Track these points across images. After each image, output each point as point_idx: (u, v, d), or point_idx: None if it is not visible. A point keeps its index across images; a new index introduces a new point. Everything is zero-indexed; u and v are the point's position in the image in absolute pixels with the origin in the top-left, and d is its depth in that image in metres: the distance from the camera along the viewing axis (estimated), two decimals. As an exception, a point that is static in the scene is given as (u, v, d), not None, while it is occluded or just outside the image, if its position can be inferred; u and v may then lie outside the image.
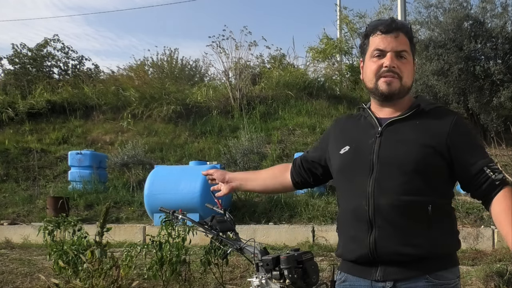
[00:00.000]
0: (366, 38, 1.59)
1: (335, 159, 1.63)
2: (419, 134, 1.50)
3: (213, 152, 9.90)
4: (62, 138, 10.91)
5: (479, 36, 9.38)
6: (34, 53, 13.49)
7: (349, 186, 1.56)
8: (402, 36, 1.53)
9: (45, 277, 3.82)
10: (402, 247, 1.45)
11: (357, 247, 1.51)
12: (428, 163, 1.47)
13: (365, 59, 1.59)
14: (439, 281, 1.48)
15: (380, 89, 1.53)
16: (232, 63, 11.92)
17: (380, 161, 1.50)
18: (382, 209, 1.46)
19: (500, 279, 4.64)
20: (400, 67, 1.52)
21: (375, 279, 1.50)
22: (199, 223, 2.21)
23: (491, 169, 1.49)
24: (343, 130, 1.68)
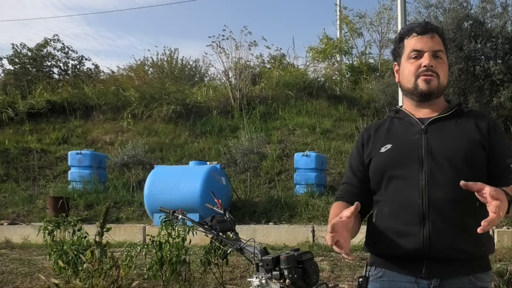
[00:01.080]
0: (400, 41, 1.62)
1: (376, 157, 1.59)
2: (463, 129, 1.55)
3: (213, 152, 9.90)
4: (62, 138, 10.91)
5: (479, 36, 9.37)
6: (34, 53, 13.48)
7: (396, 182, 1.53)
8: (437, 37, 1.59)
9: (45, 277, 3.82)
10: (456, 243, 1.44)
11: (407, 241, 1.46)
12: (474, 156, 1.51)
13: (401, 62, 1.62)
14: (479, 283, 1.50)
15: (420, 87, 1.56)
16: (232, 63, 11.93)
17: (431, 155, 1.50)
18: (436, 203, 1.45)
19: (500, 279, 4.64)
20: (437, 67, 1.57)
21: (421, 276, 1.47)
22: (199, 223, 2.22)
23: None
24: (379, 134, 1.65)
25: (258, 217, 7.58)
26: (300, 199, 7.81)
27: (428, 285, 1.47)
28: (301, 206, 7.57)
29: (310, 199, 7.76)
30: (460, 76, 9.32)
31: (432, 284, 1.46)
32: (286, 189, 8.55)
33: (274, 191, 8.57)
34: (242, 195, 8.49)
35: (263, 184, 8.93)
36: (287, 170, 9.15)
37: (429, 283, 1.46)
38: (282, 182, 8.84)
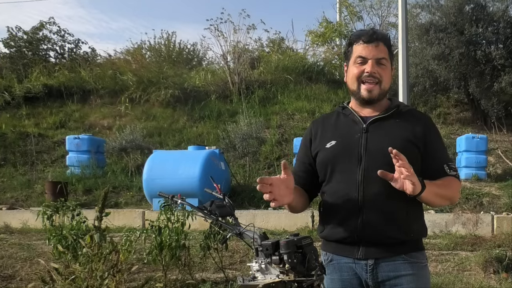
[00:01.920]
0: (350, 46, 1.78)
1: (322, 153, 1.78)
2: (400, 130, 1.73)
3: (212, 137, 9.87)
4: (60, 122, 10.85)
5: (480, 20, 9.27)
6: (30, 36, 13.34)
7: (337, 175, 1.73)
8: (381, 45, 1.74)
9: (44, 261, 3.81)
10: (386, 231, 1.66)
11: (345, 229, 1.70)
12: (408, 155, 1.61)
13: (349, 64, 1.79)
14: (413, 259, 1.72)
15: (361, 94, 1.74)
16: (231, 46, 11.82)
17: (368, 153, 1.70)
18: (370, 196, 1.66)
19: (499, 264, 4.67)
20: (379, 73, 1.73)
21: (357, 257, 1.71)
22: (198, 208, 2.19)
23: (449, 167, 1.74)
24: (325, 128, 1.84)
25: (257, 202, 7.59)
26: (299, 184, 7.81)
27: (365, 265, 1.70)
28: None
29: (309, 184, 7.76)
30: (461, 61, 9.25)
31: (368, 263, 1.70)
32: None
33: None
34: (241, 180, 8.49)
35: (262, 169, 8.92)
36: (286, 155, 9.14)
37: (366, 263, 1.70)
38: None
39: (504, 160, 8.88)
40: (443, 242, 5.93)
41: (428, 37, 9.58)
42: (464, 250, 5.68)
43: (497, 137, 9.55)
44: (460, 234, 6.34)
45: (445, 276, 4.69)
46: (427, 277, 1.78)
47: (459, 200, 7.23)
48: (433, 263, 5.16)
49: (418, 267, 1.72)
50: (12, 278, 4.66)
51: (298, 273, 1.65)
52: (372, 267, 1.70)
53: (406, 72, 9.14)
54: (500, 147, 9.29)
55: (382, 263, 1.70)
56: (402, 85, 9.07)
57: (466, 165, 8.12)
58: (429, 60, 9.56)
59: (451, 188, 1.72)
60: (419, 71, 9.91)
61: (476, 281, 4.49)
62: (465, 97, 10.39)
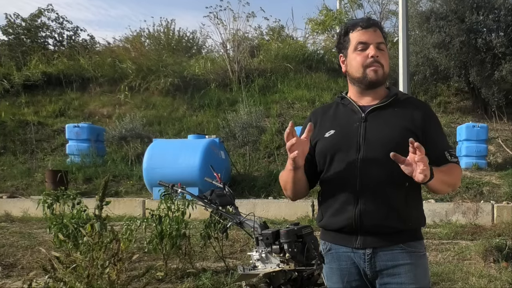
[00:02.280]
0: (345, 35, 1.77)
1: (321, 142, 1.78)
2: (399, 118, 1.73)
3: (212, 126, 9.85)
4: (59, 110, 10.82)
5: (481, 8, 9.19)
6: (28, 23, 13.23)
7: (336, 165, 1.73)
8: (378, 30, 1.75)
9: (45, 250, 3.83)
10: (383, 221, 1.66)
11: (343, 218, 1.70)
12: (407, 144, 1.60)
13: (347, 54, 1.77)
14: (411, 248, 1.72)
15: (368, 77, 1.72)
16: (230, 34, 11.74)
17: (367, 142, 1.69)
18: (369, 186, 1.66)
19: (499, 253, 4.68)
20: (381, 57, 1.73)
21: (355, 246, 1.71)
22: (199, 197, 2.19)
23: (450, 154, 1.74)
24: (324, 118, 1.84)
25: (257, 192, 7.60)
26: (299, 173, 7.82)
27: (363, 254, 1.71)
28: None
29: (309, 173, 7.77)
30: (462, 49, 9.19)
31: (366, 253, 1.70)
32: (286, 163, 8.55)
33: (274, 166, 8.57)
34: (242, 169, 8.49)
35: (262, 158, 8.92)
36: (286, 144, 9.13)
37: (364, 252, 1.70)
38: (282, 156, 8.83)
39: (505, 149, 8.88)
40: (443, 231, 5.95)
41: (428, 25, 9.51)
42: (464, 239, 5.70)
43: (497, 126, 9.54)
44: (460, 223, 6.36)
45: (445, 265, 4.71)
46: (426, 266, 1.78)
47: (459, 189, 7.25)
48: (433, 252, 5.18)
49: (416, 256, 1.72)
50: (14, 266, 4.68)
51: (298, 262, 1.66)
52: (370, 256, 1.70)
53: (407, 61, 9.08)
54: (500, 136, 9.28)
55: (380, 252, 1.70)
56: (402, 74, 9.01)
57: (466, 154, 8.12)
58: (430, 48, 9.50)
59: (454, 174, 1.73)
60: (420, 59, 9.85)
61: (476, 270, 4.52)
62: (465, 86, 10.34)
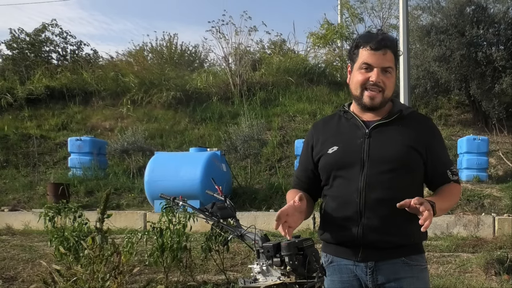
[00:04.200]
0: (356, 48, 1.72)
1: (324, 158, 1.76)
2: (403, 136, 1.71)
3: (214, 139, 9.88)
4: (62, 124, 10.87)
5: (481, 22, 9.27)
6: (32, 38, 13.36)
7: (340, 181, 1.72)
8: (389, 53, 1.68)
9: (46, 263, 3.82)
10: (385, 237, 1.66)
11: (345, 233, 1.70)
12: (411, 161, 1.68)
13: (353, 67, 1.74)
14: (413, 262, 1.72)
15: (364, 101, 1.71)
16: (232, 48, 11.83)
17: (371, 160, 1.68)
18: (372, 203, 1.66)
19: (500, 266, 4.66)
20: (384, 81, 1.68)
21: (357, 259, 1.71)
22: (200, 209, 2.20)
23: (451, 172, 1.75)
24: (326, 133, 1.82)
25: (258, 204, 7.59)
26: (300, 186, 7.80)
27: (365, 267, 1.70)
28: None
29: (310, 186, 7.75)
30: (462, 63, 9.25)
31: (368, 266, 1.70)
32: (287, 176, 8.55)
33: (275, 178, 8.57)
34: (243, 182, 8.49)
35: (263, 171, 8.93)
36: (288, 157, 9.14)
37: (366, 265, 1.70)
38: (283, 169, 8.84)
39: (505, 162, 8.87)
40: (444, 244, 5.92)
41: (429, 39, 9.58)
42: (465, 252, 5.67)
43: (498, 139, 9.54)
44: (462, 235, 6.33)
45: (447, 278, 4.68)
46: (427, 280, 1.78)
47: (460, 202, 7.24)
48: (435, 265, 5.15)
49: (417, 269, 1.72)
50: (14, 279, 4.67)
51: (299, 275, 1.66)
52: (372, 269, 1.70)
53: (407, 74, 9.14)
54: (501, 148, 9.28)
55: (382, 265, 1.70)
56: (403, 87, 9.07)
57: (467, 167, 8.11)
58: (430, 61, 9.57)
59: (454, 196, 1.74)
60: (420, 72, 9.90)
61: (478, 283, 4.49)
62: (466, 99, 10.38)
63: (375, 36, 1.69)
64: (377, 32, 1.74)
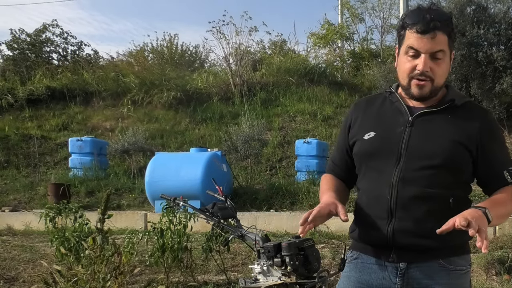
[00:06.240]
0: (402, 29, 1.51)
1: (359, 144, 1.59)
2: (451, 129, 1.50)
3: (214, 139, 9.89)
4: (62, 124, 10.88)
5: (482, 22, 9.26)
6: (33, 38, 13.37)
7: (372, 173, 1.56)
8: (439, 35, 1.46)
9: (47, 263, 3.83)
10: (419, 239, 1.48)
11: (375, 233, 1.53)
12: (456, 160, 1.48)
13: (400, 50, 1.54)
14: (451, 266, 1.52)
15: (412, 91, 1.51)
16: (233, 49, 11.83)
17: (409, 152, 1.49)
18: (404, 201, 1.47)
19: (501, 266, 4.66)
20: (433, 69, 1.48)
21: (388, 260, 1.53)
22: (201, 210, 2.21)
23: (510, 173, 1.53)
24: (366, 115, 1.62)
25: (259, 204, 7.59)
26: (302, 186, 7.81)
27: (396, 268, 1.52)
28: (303, 193, 7.58)
29: (312, 186, 7.76)
30: (463, 63, 9.24)
31: (399, 267, 1.52)
32: (288, 176, 8.55)
33: (275, 178, 8.57)
34: (243, 182, 8.50)
35: (264, 171, 8.93)
36: (288, 157, 9.14)
37: (397, 267, 1.52)
38: (283, 169, 8.83)
39: (507, 162, 8.87)
40: (445, 244, 5.92)
41: (429, 39, 9.58)
42: (466, 252, 5.66)
43: (499, 139, 9.54)
44: (462, 236, 6.32)
45: (447, 278, 4.67)
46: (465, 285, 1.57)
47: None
48: (435, 265, 5.15)
49: (455, 275, 1.52)
50: (15, 280, 4.67)
51: (300, 275, 1.67)
52: (404, 271, 1.51)
53: (408, 74, 9.14)
54: (502, 148, 9.28)
55: (415, 268, 1.51)
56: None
57: (468, 167, 8.11)
58: (431, 62, 9.56)
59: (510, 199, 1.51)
60: (421, 73, 9.91)
61: (478, 283, 4.49)
62: (467, 99, 10.38)
63: (424, 15, 1.45)
64: (427, 8, 1.49)
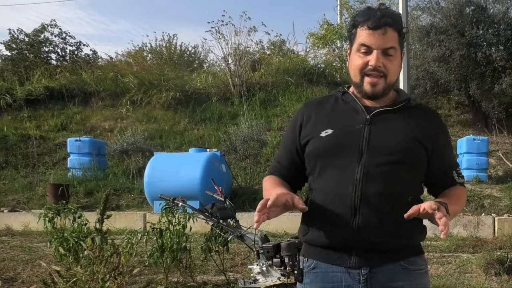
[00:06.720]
0: (354, 27, 1.53)
1: (315, 141, 1.54)
2: (409, 127, 1.52)
3: (213, 139, 9.88)
4: (61, 124, 10.86)
5: (481, 22, 9.28)
6: (31, 38, 13.34)
7: (331, 171, 1.51)
8: (390, 31, 1.48)
9: (46, 264, 3.83)
10: (384, 238, 1.46)
11: (336, 232, 1.48)
12: (415, 155, 1.50)
13: (352, 49, 1.55)
14: (412, 266, 1.53)
15: (364, 89, 1.51)
16: (232, 49, 11.82)
17: (370, 149, 1.48)
18: (369, 197, 1.45)
19: (500, 266, 4.66)
20: (386, 65, 1.49)
21: (349, 266, 1.48)
22: (200, 210, 2.20)
23: (457, 174, 1.61)
24: (320, 114, 1.59)
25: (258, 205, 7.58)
26: (300, 186, 7.81)
27: (358, 274, 1.48)
28: (302, 193, 7.56)
29: (310, 186, 7.76)
30: (462, 63, 9.25)
31: (362, 272, 1.48)
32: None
33: (274, 178, 8.56)
34: (243, 182, 8.49)
35: (263, 171, 8.92)
36: (287, 157, 9.13)
37: (359, 272, 1.48)
38: (282, 169, 8.82)
39: (505, 162, 8.87)
40: (444, 244, 5.92)
41: (428, 39, 9.59)
42: (465, 252, 5.67)
43: (498, 139, 9.54)
44: (462, 236, 6.33)
45: (447, 279, 4.68)
46: (427, 285, 1.60)
47: (460, 202, 7.24)
48: (435, 265, 5.15)
49: (417, 274, 1.54)
50: (14, 280, 4.66)
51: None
52: (366, 277, 1.48)
53: (407, 74, 9.15)
54: (501, 149, 9.28)
55: (378, 271, 1.49)
56: (402, 87, 9.08)
57: (467, 167, 8.12)
58: (430, 62, 9.57)
59: (462, 200, 1.60)
60: (420, 73, 9.91)
61: (478, 284, 4.49)
62: (466, 99, 10.38)
63: (374, 12, 1.49)
64: (377, 7, 1.53)
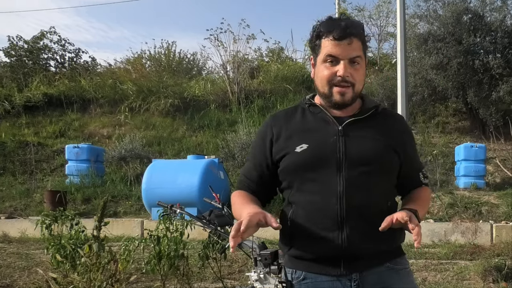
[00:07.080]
0: (317, 38, 1.51)
1: (291, 157, 1.53)
2: (381, 135, 1.54)
3: (211, 146, 9.88)
4: (59, 131, 10.86)
5: (478, 30, 9.34)
6: (31, 45, 13.39)
7: (311, 185, 1.50)
8: (355, 41, 1.48)
9: (42, 271, 3.80)
10: (371, 244, 1.48)
11: (324, 246, 1.48)
12: (391, 163, 1.54)
13: (316, 60, 1.53)
14: (398, 266, 1.58)
15: (334, 99, 1.51)
16: (230, 56, 11.88)
17: (349, 160, 1.48)
18: (354, 208, 1.46)
19: (498, 273, 4.65)
20: (353, 75, 1.49)
21: (339, 274, 1.49)
22: (197, 217, 2.20)
23: (423, 175, 1.67)
24: (290, 128, 1.58)
25: (256, 211, 7.56)
26: (298, 193, 7.81)
27: (349, 280, 1.49)
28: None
29: (308, 193, 7.76)
30: (459, 70, 9.30)
31: (352, 279, 1.49)
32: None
33: (272, 185, 8.56)
34: (240, 189, 8.48)
35: (261, 178, 8.92)
36: (285, 164, 9.14)
37: (350, 278, 1.49)
38: (280, 176, 8.82)
39: (503, 169, 8.89)
40: (442, 251, 5.91)
41: (426, 47, 9.64)
42: (463, 259, 5.66)
43: (495, 146, 9.57)
44: (459, 243, 6.32)
45: (444, 285, 4.67)
46: (414, 283, 1.65)
47: (458, 209, 7.25)
48: (432, 272, 5.14)
49: (404, 273, 1.59)
50: (11, 287, 4.64)
51: (296, 282, 1.66)
52: (357, 282, 1.50)
53: (405, 82, 9.18)
54: (498, 156, 9.30)
55: (368, 274, 1.51)
56: (400, 95, 9.11)
57: (464, 174, 8.13)
58: (428, 69, 9.62)
59: (428, 201, 1.66)
60: (418, 80, 9.95)
61: (476, 291, 4.48)
62: (463, 106, 10.43)
63: (338, 23, 1.47)
64: (339, 18, 1.52)
